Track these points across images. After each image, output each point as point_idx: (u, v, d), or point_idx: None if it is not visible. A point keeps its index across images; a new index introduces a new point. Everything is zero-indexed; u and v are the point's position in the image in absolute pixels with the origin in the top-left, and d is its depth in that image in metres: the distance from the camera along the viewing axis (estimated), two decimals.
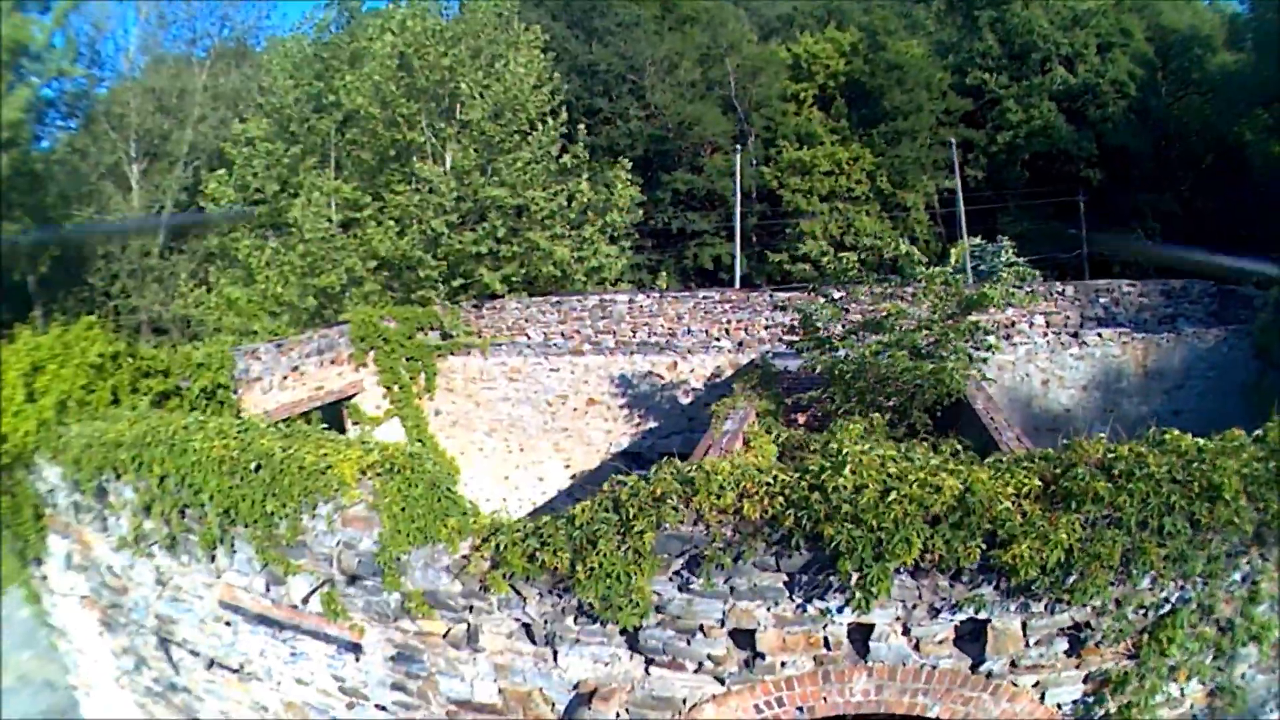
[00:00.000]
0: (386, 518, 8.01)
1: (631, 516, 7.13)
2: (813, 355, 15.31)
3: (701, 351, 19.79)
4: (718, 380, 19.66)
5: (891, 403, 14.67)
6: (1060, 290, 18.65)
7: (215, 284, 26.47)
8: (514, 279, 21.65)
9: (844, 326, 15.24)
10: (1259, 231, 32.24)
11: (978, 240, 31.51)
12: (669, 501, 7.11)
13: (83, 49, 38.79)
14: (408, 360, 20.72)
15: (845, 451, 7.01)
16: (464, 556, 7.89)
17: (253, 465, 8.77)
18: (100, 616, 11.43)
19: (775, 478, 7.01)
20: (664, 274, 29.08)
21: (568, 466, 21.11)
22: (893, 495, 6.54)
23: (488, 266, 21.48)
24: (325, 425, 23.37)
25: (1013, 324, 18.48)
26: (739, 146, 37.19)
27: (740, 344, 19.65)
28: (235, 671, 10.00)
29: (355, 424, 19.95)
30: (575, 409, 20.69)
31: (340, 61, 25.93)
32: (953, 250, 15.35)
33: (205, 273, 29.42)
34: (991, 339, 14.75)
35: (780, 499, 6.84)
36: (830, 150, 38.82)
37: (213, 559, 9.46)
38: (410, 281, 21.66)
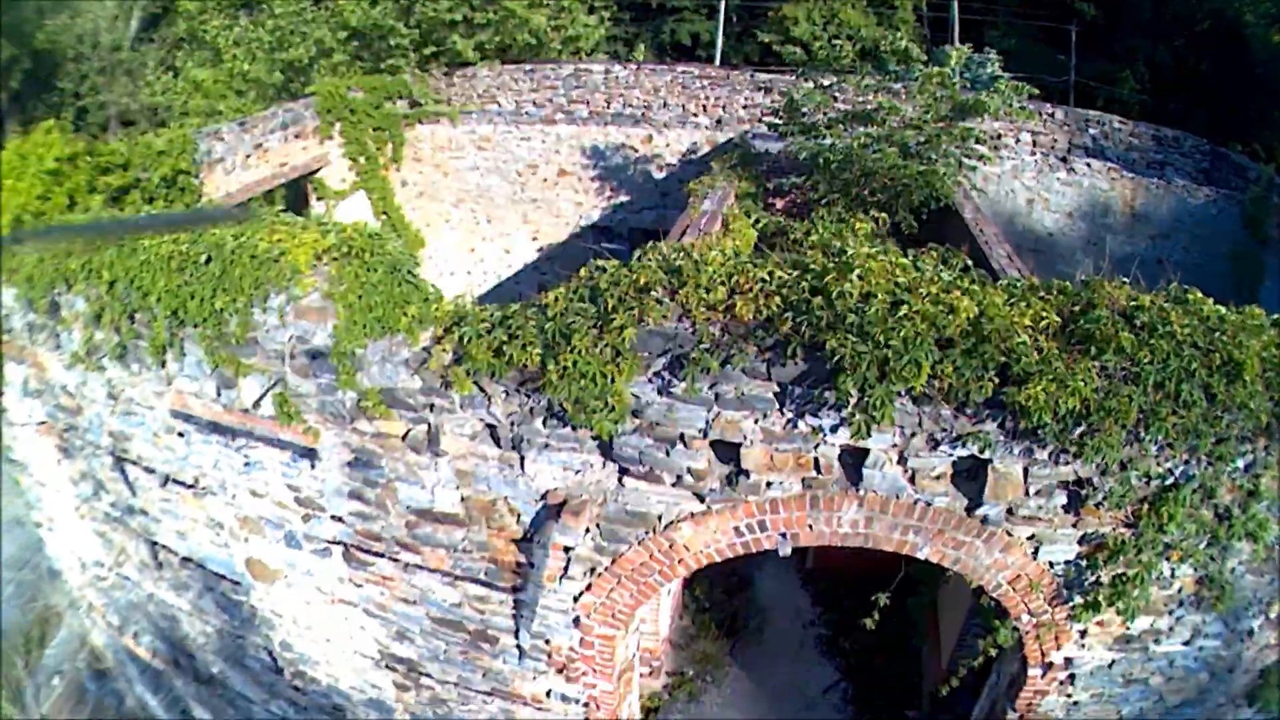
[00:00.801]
0: (342, 307, 7.34)
1: (610, 309, 6.44)
2: (797, 141, 14.47)
3: (678, 126, 18.89)
4: (694, 157, 18.85)
5: (876, 199, 14.00)
6: (1050, 113, 17.80)
7: (182, 68, 25.31)
8: (488, 46, 20.45)
9: (830, 115, 14.42)
10: (1248, 107, 31.76)
11: (964, 49, 30.11)
12: (653, 293, 6.42)
13: None
14: (375, 130, 19.75)
15: (851, 253, 6.27)
16: (425, 349, 7.25)
17: (202, 258, 8.06)
18: (57, 442, 10.91)
19: (772, 274, 6.31)
20: (641, 47, 27.78)
21: (535, 239, 20.44)
22: (904, 310, 5.87)
23: (461, 34, 20.27)
24: (284, 208, 22.73)
25: (999, 137, 17.64)
26: None
27: (719, 122, 18.75)
28: (190, 487, 9.53)
29: (320, 199, 19.22)
30: (545, 180, 19.86)
31: None
32: (952, 52, 14.43)
33: (173, 59, 28.15)
34: (983, 149, 14.02)
35: (777, 299, 6.14)
36: None
37: (163, 365, 8.82)
38: (380, 51, 20.43)
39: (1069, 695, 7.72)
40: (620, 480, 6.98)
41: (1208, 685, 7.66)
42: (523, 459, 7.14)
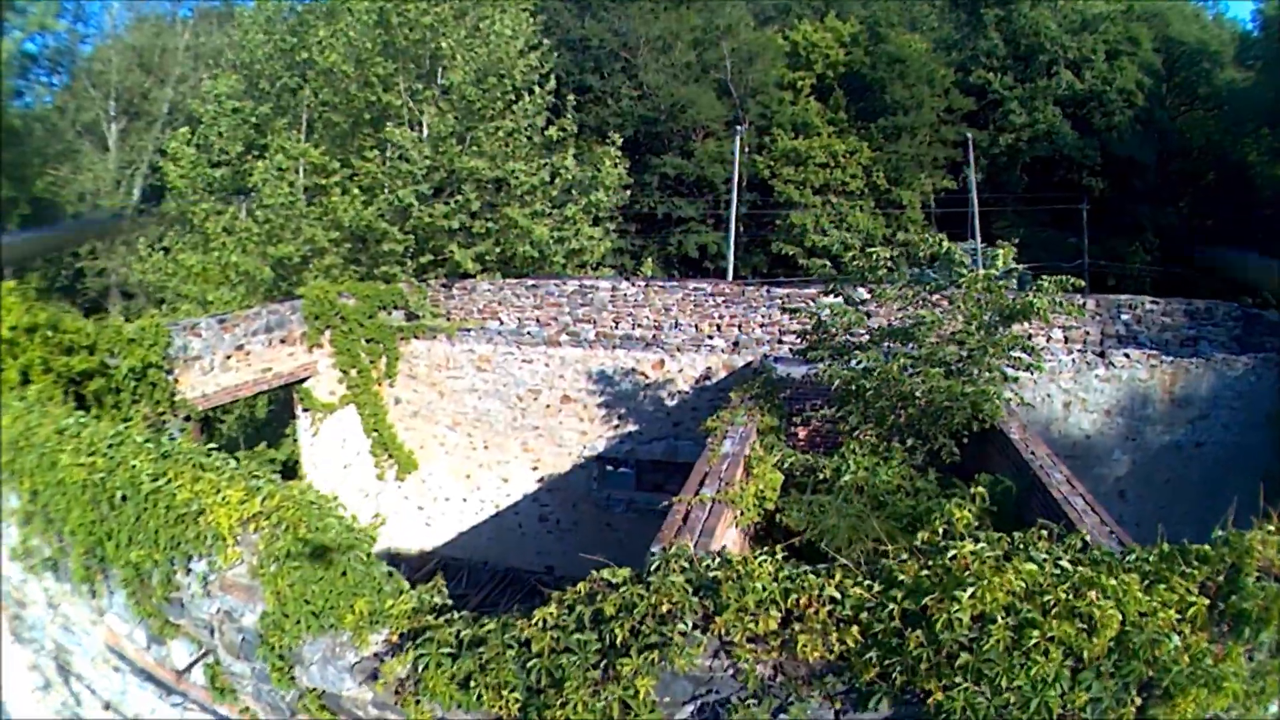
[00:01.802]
0: (270, 593, 5.81)
1: (619, 645, 4.78)
2: (829, 369, 12.94)
3: (691, 350, 17.41)
4: (708, 383, 17.34)
5: (914, 425, 12.53)
6: (1080, 303, 16.27)
7: (171, 250, 24.22)
8: (488, 258, 19.21)
9: (861, 335, 13.06)
10: (1262, 250, 31.05)
11: (1007, 247, 28.92)
12: (679, 625, 4.76)
13: (66, 4, 37.93)
14: (367, 342, 18.35)
15: (953, 553, 4.55)
16: (376, 655, 5.56)
17: (118, 495, 6.78)
18: (9, 625, 9.68)
19: (845, 592, 4.69)
20: (649, 260, 26.59)
21: (535, 469, 18.86)
22: (1033, 637, 4.26)
23: (460, 243, 19.11)
24: (271, 408, 20.78)
25: (1030, 337, 16.17)
26: (739, 127, 34.72)
27: (735, 344, 17.26)
28: None
29: (306, 410, 17.63)
30: (548, 406, 18.39)
31: (316, 17, 23.32)
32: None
33: (165, 237, 27.22)
34: (1030, 358, 12.44)
35: (855, 630, 4.53)
36: (826, 142, 36.38)
37: (93, 594, 7.51)
38: (376, 255, 19.11)
39: None
40: None
41: None
42: None
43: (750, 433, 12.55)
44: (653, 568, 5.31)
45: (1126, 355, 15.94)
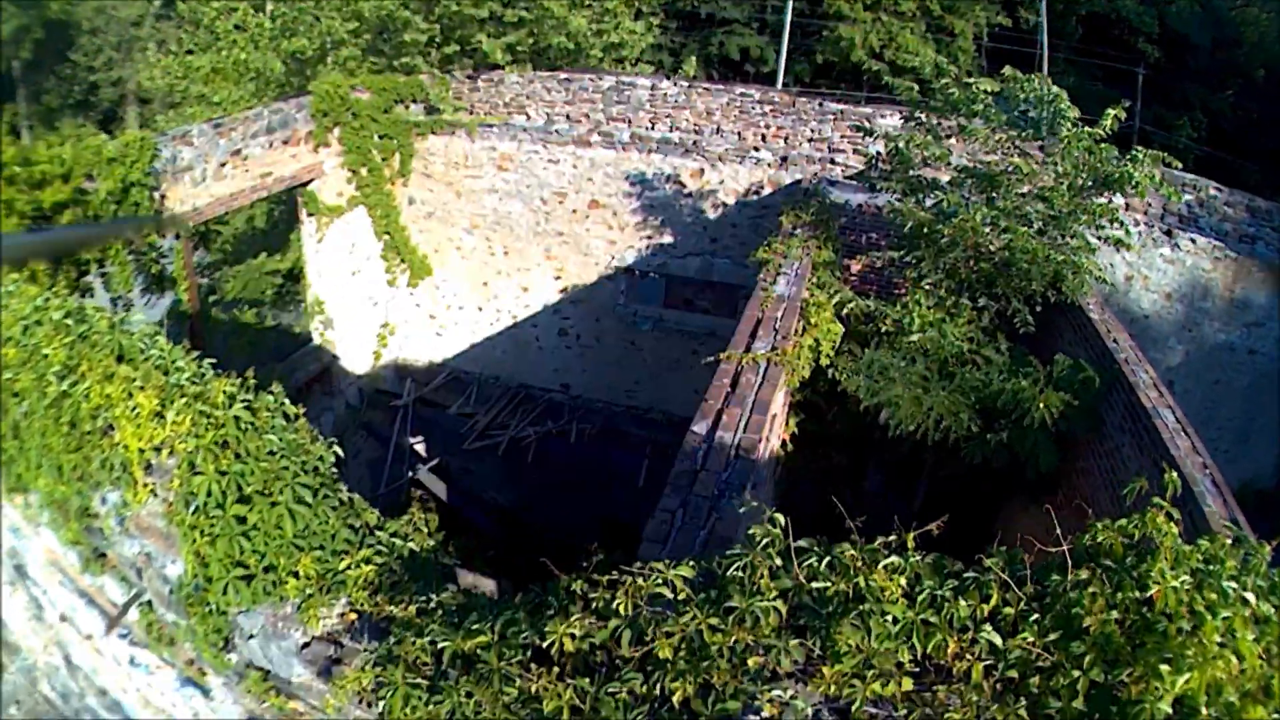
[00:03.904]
0: (187, 550, 4.29)
1: (678, 703, 3.29)
2: (905, 206, 10.99)
3: (735, 160, 15.19)
4: (752, 198, 15.13)
5: (987, 285, 10.95)
6: (1180, 185, 14.37)
7: (177, 51, 21.83)
8: (519, 49, 16.57)
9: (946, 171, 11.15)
10: None
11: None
12: (775, 684, 3.30)
13: None
14: (380, 139, 16.12)
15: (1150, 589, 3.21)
16: (330, 637, 4.09)
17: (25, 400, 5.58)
18: None
19: (1004, 633, 3.30)
20: (691, 59, 23.78)
21: (558, 278, 16.94)
22: None
23: (489, 32, 16.51)
24: (280, 208, 18.44)
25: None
26: None
27: (784, 159, 14.85)
28: (89, 639, 6.56)
29: (311, 215, 15.62)
30: (574, 211, 16.28)
31: None
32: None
33: (177, 41, 24.86)
34: (1121, 232, 10.57)
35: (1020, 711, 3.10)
36: None
37: (26, 504, 6.17)
38: (398, 46, 16.50)
39: None
40: None
41: None
42: None
43: (806, 268, 10.74)
44: (731, 567, 3.61)
45: (1193, 241, 14.30)
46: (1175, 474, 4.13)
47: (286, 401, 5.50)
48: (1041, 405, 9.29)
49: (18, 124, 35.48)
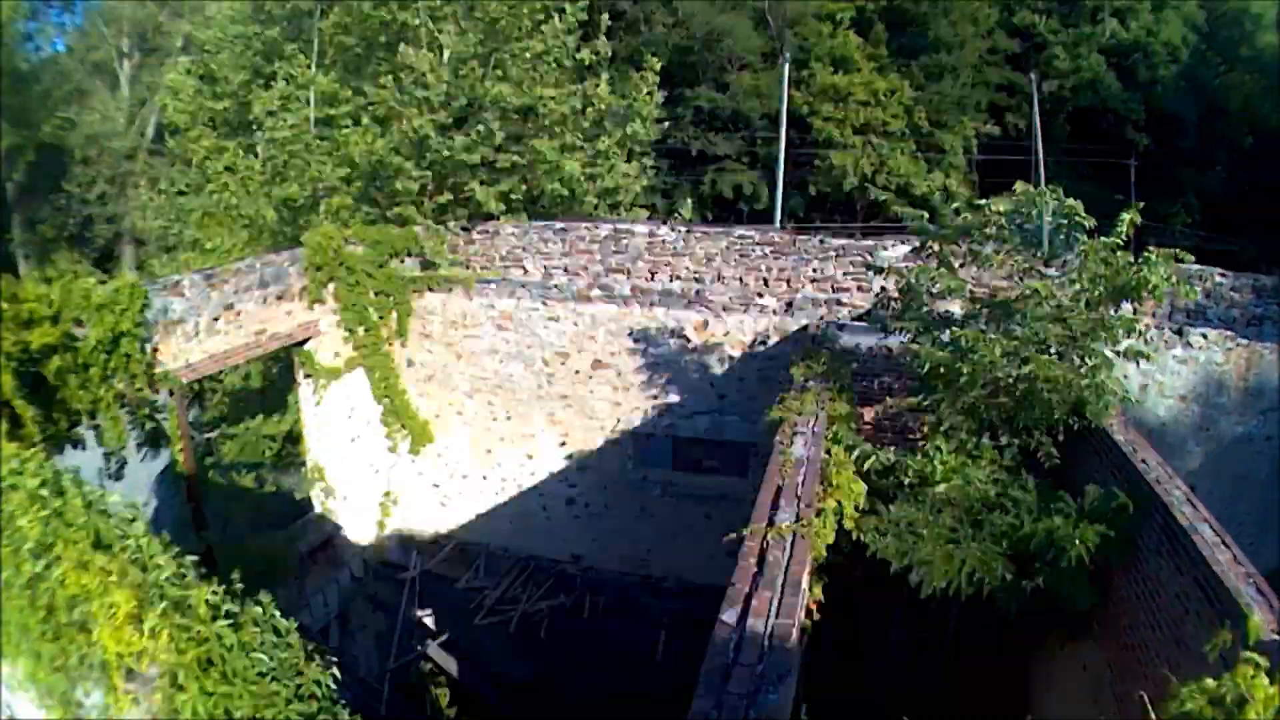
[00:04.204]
0: None
1: None
2: (916, 342, 10.59)
3: (739, 309, 14.77)
4: (760, 349, 14.65)
5: (1011, 421, 10.44)
6: (1198, 286, 13.80)
7: (168, 191, 21.67)
8: (513, 196, 16.41)
9: (960, 307, 10.77)
10: None
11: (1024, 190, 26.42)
12: None
13: None
14: (376, 295, 15.67)
15: None
16: None
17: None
18: None
19: None
20: (688, 202, 23.53)
21: (563, 444, 16.34)
22: None
23: (482, 179, 16.23)
24: (270, 361, 17.99)
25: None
26: (784, 55, 31.61)
27: (789, 305, 14.35)
28: None
29: (308, 376, 15.14)
30: (578, 371, 15.75)
31: None
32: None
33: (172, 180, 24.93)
34: (1142, 344, 10.16)
35: None
36: (867, 78, 33.57)
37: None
38: (391, 194, 16.22)
39: None
40: None
41: None
42: None
43: (822, 425, 10.14)
44: None
45: (1204, 336, 13.80)
46: (1256, 618, 3.58)
47: (278, 614, 5.11)
48: (1078, 543, 8.86)
49: (13, 251, 35.41)
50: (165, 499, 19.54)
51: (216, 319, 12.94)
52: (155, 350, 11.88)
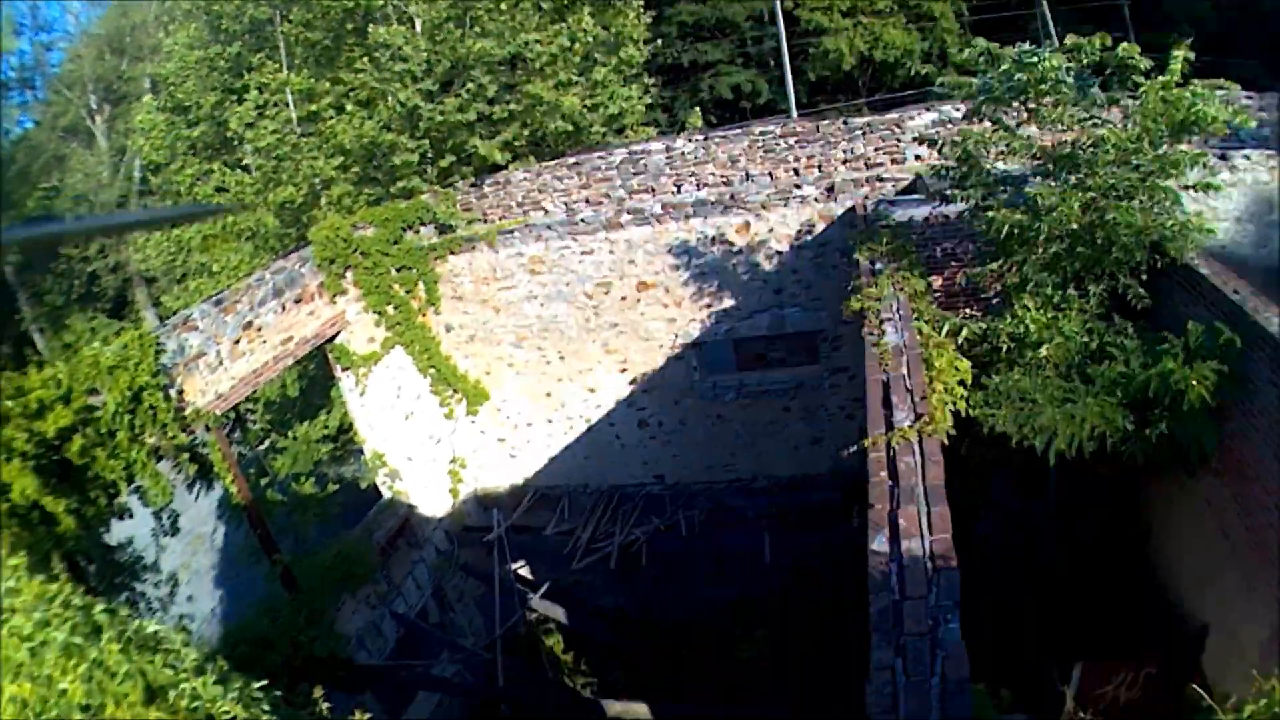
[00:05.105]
0: None
1: None
2: (986, 207, 10.00)
3: (779, 204, 13.94)
4: (807, 238, 13.89)
5: (1092, 270, 10.07)
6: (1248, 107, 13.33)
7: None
8: (517, 144, 15.62)
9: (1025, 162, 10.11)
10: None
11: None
12: None
13: (22, 21, 35.84)
14: (398, 271, 15.03)
15: None
16: None
17: None
18: None
19: None
20: (696, 110, 22.89)
21: (624, 370, 15.74)
22: None
23: (481, 134, 15.49)
24: (303, 365, 17.42)
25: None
26: None
27: (830, 190, 13.59)
28: None
29: (346, 369, 14.44)
30: (624, 297, 15.11)
31: None
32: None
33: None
34: (1214, 178, 10.01)
35: None
36: None
37: None
38: (391, 171, 15.58)
39: None
40: None
41: None
42: None
43: (906, 308, 9.49)
44: None
45: (1247, 157, 13.03)
46: None
47: None
48: (1195, 383, 8.50)
49: (26, 330, 34.86)
50: (231, 525, 18.97)
51: (238, 341, 12.28)
52: (181, 392, 11.20)
